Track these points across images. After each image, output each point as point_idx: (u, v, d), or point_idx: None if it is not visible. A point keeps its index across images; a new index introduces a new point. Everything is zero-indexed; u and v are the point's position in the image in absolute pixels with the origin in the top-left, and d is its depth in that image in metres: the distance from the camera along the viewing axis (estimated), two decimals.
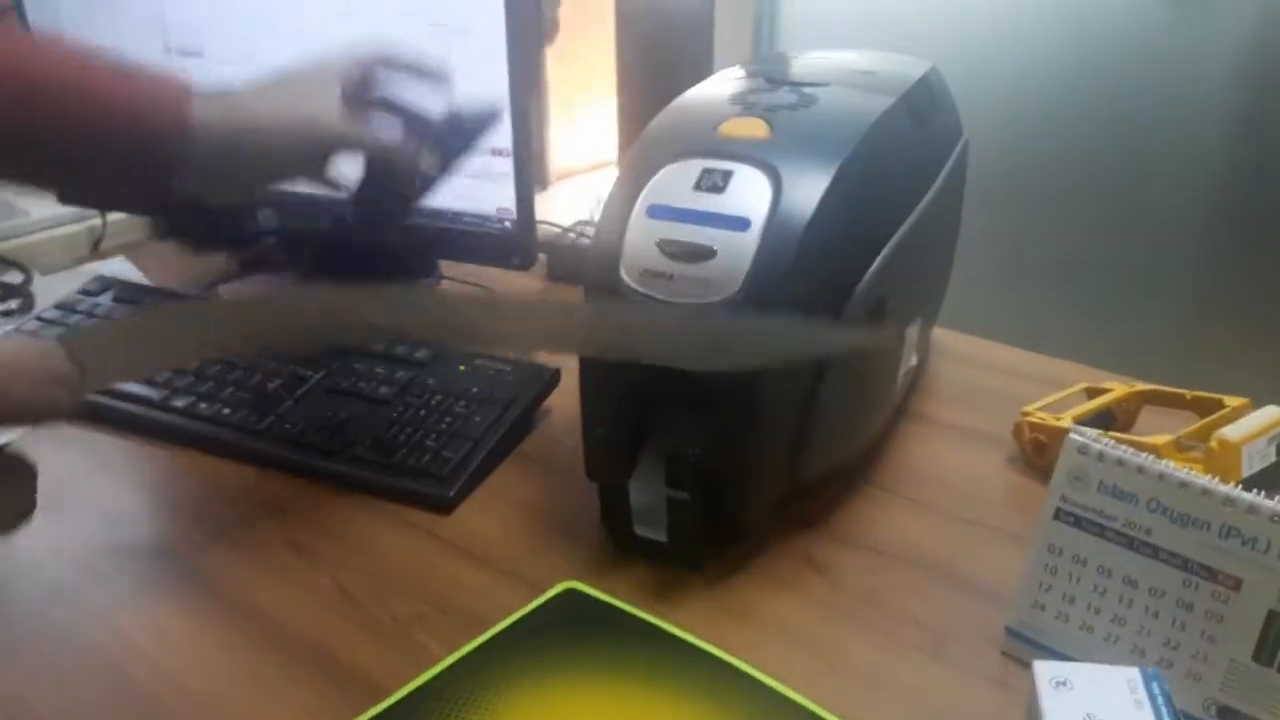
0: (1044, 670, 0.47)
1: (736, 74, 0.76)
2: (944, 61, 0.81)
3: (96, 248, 1.16)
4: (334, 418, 0.77)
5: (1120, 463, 0.52)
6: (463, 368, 0.82)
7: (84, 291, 0.96)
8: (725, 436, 0.61)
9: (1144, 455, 0.52)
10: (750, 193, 0.60)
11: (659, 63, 1.45)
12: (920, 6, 1.68)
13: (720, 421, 0.61)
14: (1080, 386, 0.80)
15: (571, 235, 1.08)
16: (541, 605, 0.60)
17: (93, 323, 0.91)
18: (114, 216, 1.16)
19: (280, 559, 0.67)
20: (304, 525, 0.70)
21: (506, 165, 0.86)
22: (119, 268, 1.06)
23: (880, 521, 0.70)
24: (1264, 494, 0.49)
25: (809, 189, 0.60)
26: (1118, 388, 0.78)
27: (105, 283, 0.97)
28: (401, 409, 0.78)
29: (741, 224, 0.59)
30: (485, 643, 0.57)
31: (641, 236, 0.61)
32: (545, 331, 0.52)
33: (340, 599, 0.63)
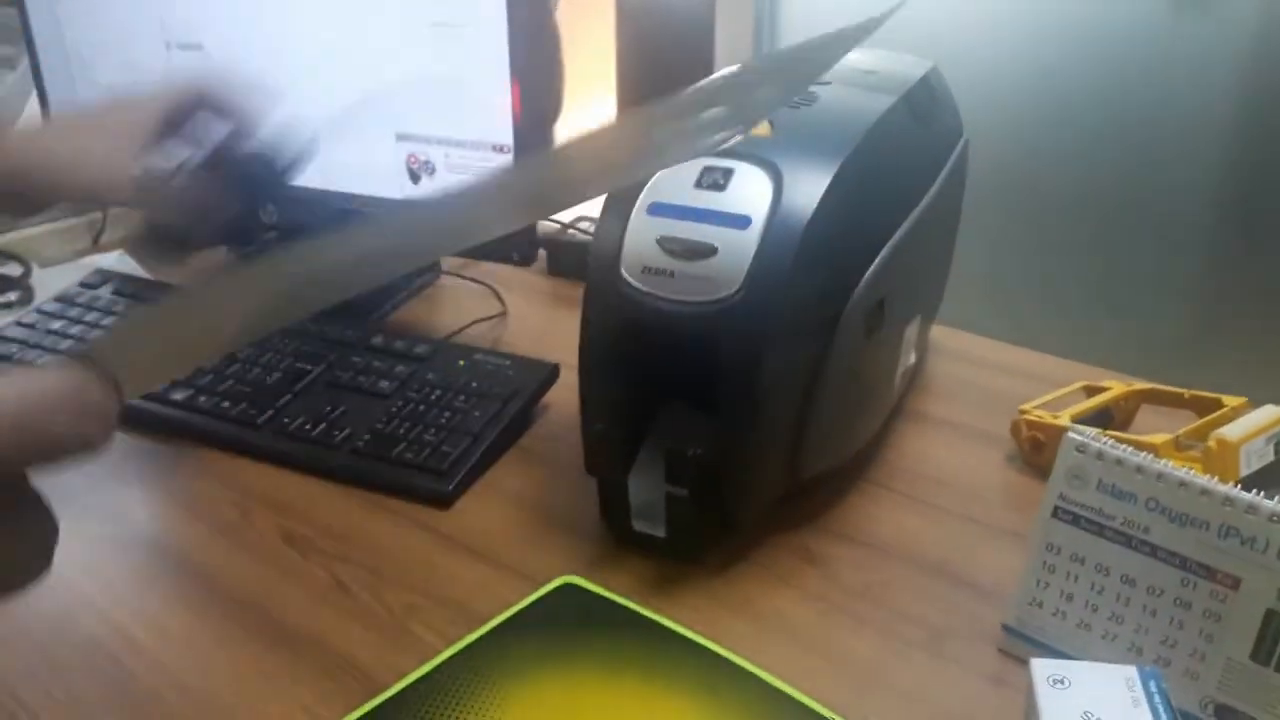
0: (1041, 668, 0.47)
1: None
2: (943, 61, 0.81)
3: (97, 241, 1.16)
4: (333, 411, 0.77)
5: (1119, 462, 0.52)
6: (462, 362, 0.82)
7: (84, 284, 0.96)
8: (725, 433, 0.61)
9: (1143, 454, 0.52)
10: (751, 191, 0.60)
11: (659, 60, 1.45)
12: (920, 6, 1.68)
13: (720, 418, 0.61)
14: (1078, 385, 0.80)
15: (571, 230, 1.08)
16: (540, 599, 0.60)
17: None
18: (114, 210, 1.16)
19: (278, 553, 0.67)
20: (302, 519, 0.70)
21: (507, 161, 0.86)
22: (119, 261, 1.06)
23: (878, 518, 0.70)
24: (1262, 493, 0.49)
25: (810, 187, 0.60)
26: (1116, 386, 0.78)
27: (105, 276, 0.98)
28: (401, 403, 0.78)
29: (742, 222, 0.59)
30: (483, 636, 0.57)
31: (642, 234, 0.61)
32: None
33: (338, 593, 0.63)
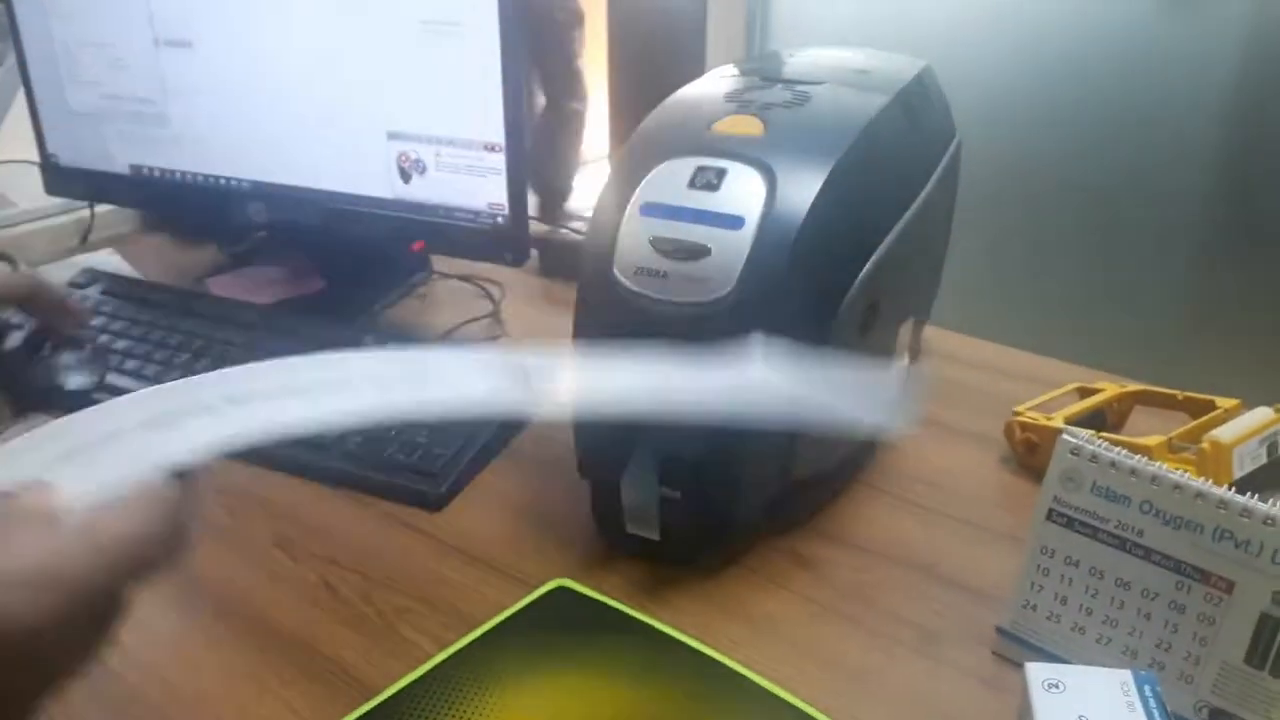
0: (1036, 672, 0.47)
1: (730, 71, 0.75)
2: (935, 61, 0.80)
3: (85, 240, 1.16)
4: None
5: (1113, 465, 0.52)
6: None
7: (72, 284, 0.96)
8: (718, 436, 0.60)
9: (1137, 458, 0.52)
10: (744, 191, 0.60)
11: (652, 59, 1.45)
12: (911, 5, 1.68)
13: (713, 421, 0.60)
14: (1072, 386, 0.80)
15: (564, 230, 1.08)
16: (532, 602, 0.59)
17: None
18: (102, 208, 1.16)
19: (268, 555, 0.66)
20: (292, 521, 0.69)
21: (499, 160, 0.86)
22: (107, 260, 1.06)
23: (871, 520, 0.70)
24: (1256, 496, 0.49)
25: (803, 188, 0.59)
26: (1109, 387, 0.78)
27: (93, 275, 0.97)
28: None
29: (736, 222, 0.59)
30: (475, 640, 0.56)
31: (635, 234, 0.60)
32: None
33: (329, 596, 0.63)
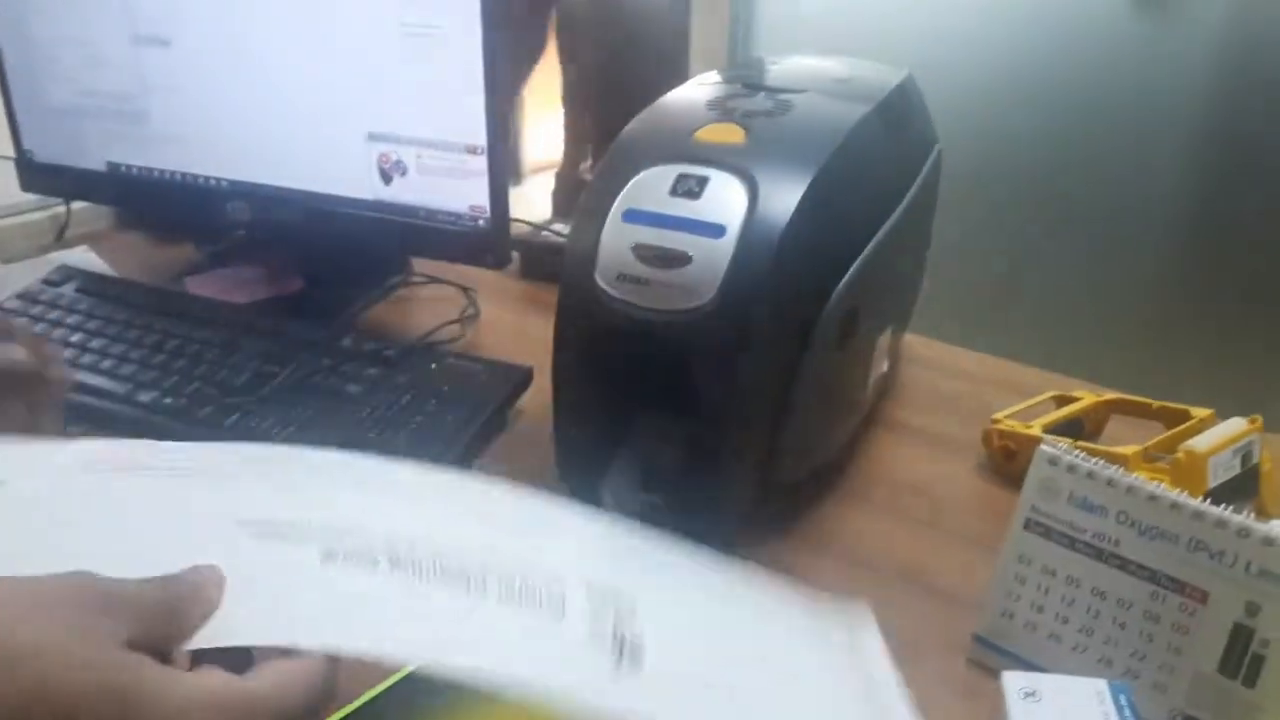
0: (1013, 681, 0.47)
1: (713, 79, 0.75)
2: (915, 68, 0.81)
3: (60, 236, 1.14)
4: (301, 414, 0.76)
5: (1090, 475, 0.52)
6: (433, 365, 0.81)
7: (46, 281, 0.95)
8: (698, 441, 0.61)
9: (1114, 468, 0.52)
10: (726, 199, 0.60)
11: (634, 62, 1.45)
12: (891, 12, 1.69)
13: (694, 426, 0.61)
14: (1048, 395, 0.80)
15: (545, 233, 1.08)
16: None
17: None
18: (78, 204, 1.14)
19: None
20: None
21: (480, 163, 0.85)
22: (82, 258, 1.04)
23: (850, 526, 0.70)
24: (1230, 507, 0.49)
25: (785, 196, 0.60)
26: (1086, 396, 0.79)
27: (68, 273, 0.96)
28: (371, 407, 0.77)
29: (717, 230, 0.59)
30: None
31: (617, 241, 0.60)
32: None
33: None
